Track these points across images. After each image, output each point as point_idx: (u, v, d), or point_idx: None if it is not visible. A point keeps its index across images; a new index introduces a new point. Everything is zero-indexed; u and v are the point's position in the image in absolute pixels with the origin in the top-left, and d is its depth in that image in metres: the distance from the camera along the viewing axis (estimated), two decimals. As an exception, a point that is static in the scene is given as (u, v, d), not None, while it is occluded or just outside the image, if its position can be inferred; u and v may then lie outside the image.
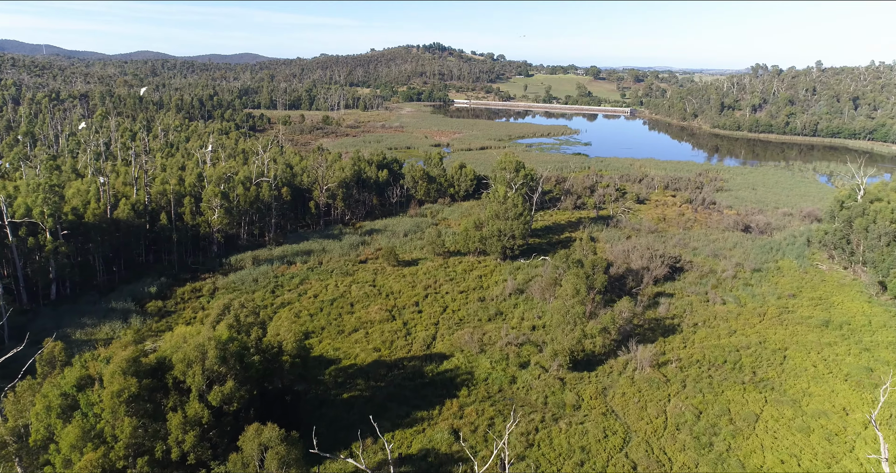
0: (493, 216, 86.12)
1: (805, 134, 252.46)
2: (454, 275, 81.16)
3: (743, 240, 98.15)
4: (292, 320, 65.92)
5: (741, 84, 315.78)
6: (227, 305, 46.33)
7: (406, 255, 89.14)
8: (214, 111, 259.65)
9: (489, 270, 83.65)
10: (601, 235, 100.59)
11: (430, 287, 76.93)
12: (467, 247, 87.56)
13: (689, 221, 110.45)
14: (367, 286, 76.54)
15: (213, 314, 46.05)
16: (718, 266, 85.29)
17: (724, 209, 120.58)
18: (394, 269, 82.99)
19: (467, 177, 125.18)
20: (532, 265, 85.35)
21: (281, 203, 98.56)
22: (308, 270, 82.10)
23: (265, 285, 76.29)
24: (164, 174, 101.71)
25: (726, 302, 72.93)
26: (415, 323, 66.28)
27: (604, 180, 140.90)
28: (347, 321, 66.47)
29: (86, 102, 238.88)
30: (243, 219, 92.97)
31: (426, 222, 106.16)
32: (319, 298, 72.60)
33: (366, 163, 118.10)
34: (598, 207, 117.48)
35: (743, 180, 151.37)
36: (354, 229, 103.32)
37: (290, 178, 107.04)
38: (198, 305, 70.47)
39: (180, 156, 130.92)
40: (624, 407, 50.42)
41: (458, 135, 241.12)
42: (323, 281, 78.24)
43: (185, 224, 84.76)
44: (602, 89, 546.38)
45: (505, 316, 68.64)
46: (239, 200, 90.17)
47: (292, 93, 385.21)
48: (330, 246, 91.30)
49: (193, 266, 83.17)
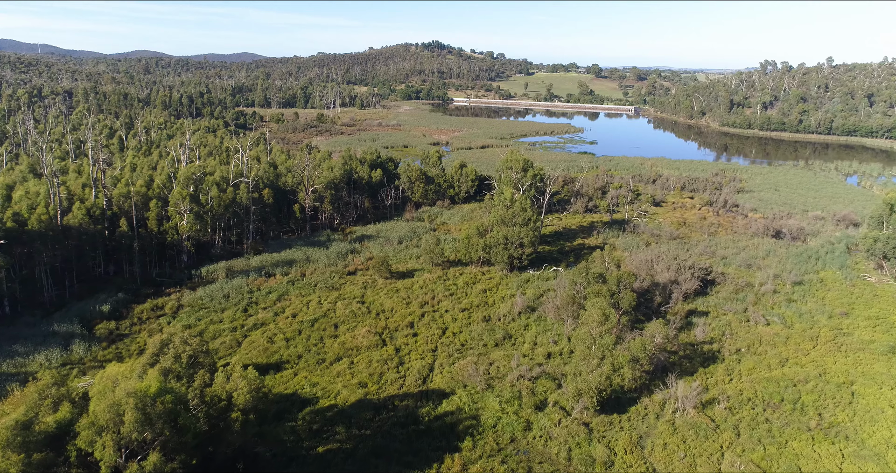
0: (498, 221, 76.18)
1: (820, 132, 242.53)
2: (455, 290, 71.19)
3: (775, 248, 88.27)
4: (264, 346, 56.18)
5: (750, 81, 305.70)
6: (167, 341, 36.26)
7: (400, 266, 79.18)
8: (203, 108, 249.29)
9: (494, 283, 73.70)
10: (617, 242, 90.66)
11: (427, 304, 66.95)
12: (469, 257, 77.66)
13: (713, 226, 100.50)
14: (355, 303, 66.54)
15: (148, 353, 35.98)
16: (754, 278, 75.38)
17: (749, 212, 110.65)
18: (386, 282, 73.02)
19: (468, 178, 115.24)
20: (543, 277, 75.44)
21: (262, 206, 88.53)
22: (288, 284, 72.09)
23: (237, 302, 66.28)
24: (132, 174, 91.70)
25: (770, 322, 62.96)
26: (409, 350, 56.30)
27: (615, 181, 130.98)
28: (330, 347, 56.46)
29: (68, 99, 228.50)
30: (218, 225, 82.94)
31: (423, 227, 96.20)
32: (299, 318, 62.60)
33: (357, 163, 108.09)
34: (612, 210, 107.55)
35: (763, 180, 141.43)
36: (344, 235, 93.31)
37: (273, 179, 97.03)
38: (156, 327, 60.43)
39: (158, 154, 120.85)
40: (668, 465, 40.43)
41: (457, 134, 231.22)
42: (304, 297, 68.24)
43: (150, 231, 74.74)
44: (604, 88, 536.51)
45: (515, 340, 58.68)
46: (212, 203, 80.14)
47: (287, 91, 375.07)
48: (315, 254, 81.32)
49: (159, 278, 73.15)
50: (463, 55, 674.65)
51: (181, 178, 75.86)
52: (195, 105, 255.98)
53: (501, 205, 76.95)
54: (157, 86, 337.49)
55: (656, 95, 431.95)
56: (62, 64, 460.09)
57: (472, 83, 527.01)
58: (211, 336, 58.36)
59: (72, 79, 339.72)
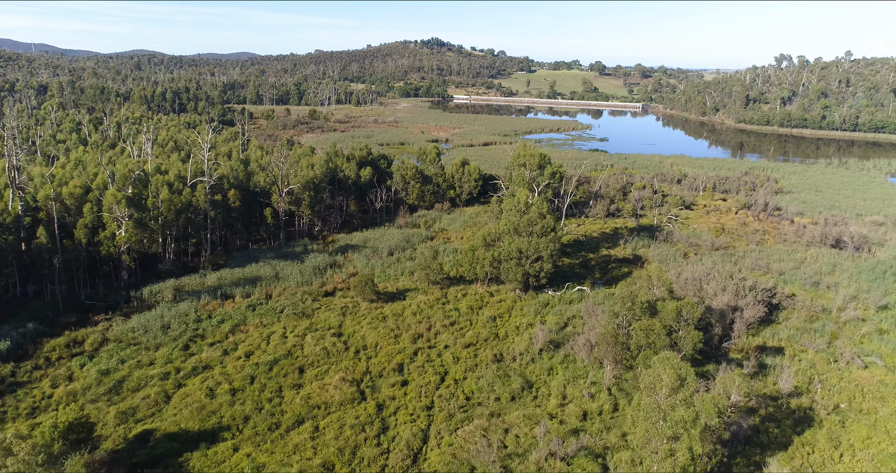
0: (510, 230, 61.70)
1: (844, 128, 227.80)
2: (456, 317, 56.75)
3: (839, 260, 73.88)
4: (201, 402, 41.72)
5: (765, 76, 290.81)
6: None
7: (389, 284, 64.71)
8: (188, 104, 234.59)
9: (506, 307, 59.24)
10: (649, 253, 76.22)
11: (421, 337, 52.50)
12: (474, 273, 63.24)
13: (758, 233, 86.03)
14: (330, 336, 52.07)
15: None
16: (827, 300, 60.98)
17: (794, 216, 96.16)
18: (370, 307, 58.55)
19: (471, 177, 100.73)
20: (565, 299, 61.02)
21: (225, 211, 74.06)
22: (248, 309, 57.62)
23: (178, 335, 51.83)
24: (74, 172, 77.25)
25: (867, 363, 48.49)
26: (396, 407, 41.89)
27: (636, 180, 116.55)
28: (289, 403, 42.02)
29: (43, 94, 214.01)
30: (169, 234, 68.44)
31: (419, 235, 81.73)
32: (254, 358, 48.17)
33: (343, 160, 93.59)
34: (637, 214, 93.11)
35: (800, 180, 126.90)
36: (324, 245, 78.83)
37: (243, 179, 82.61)
38: (64, 372, 45.98)
39: (118, 151, 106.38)
40: None
41: (457, 131, 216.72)
42: (266, 328, 53.80)
43: (78, 242, 60.27)
44: (608, 85, 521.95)
45: (536, 390, 44.26)
46: (160, 208, 65.66)
47: (281, 87, 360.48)
48: (286, 270, 66.87)
49: (88, 302, 58.70)
50: (463, 52, 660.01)
51: (117, 177, 61.30)
52: (180, 101, 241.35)
53: (514, 209, 62.46)
54: (143, 82, 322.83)
55: (663, 93, 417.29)
56: (46, 59, 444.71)
57: (473, 80, 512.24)
58: (133, 386, 43.95)
59: (53, 75, 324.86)
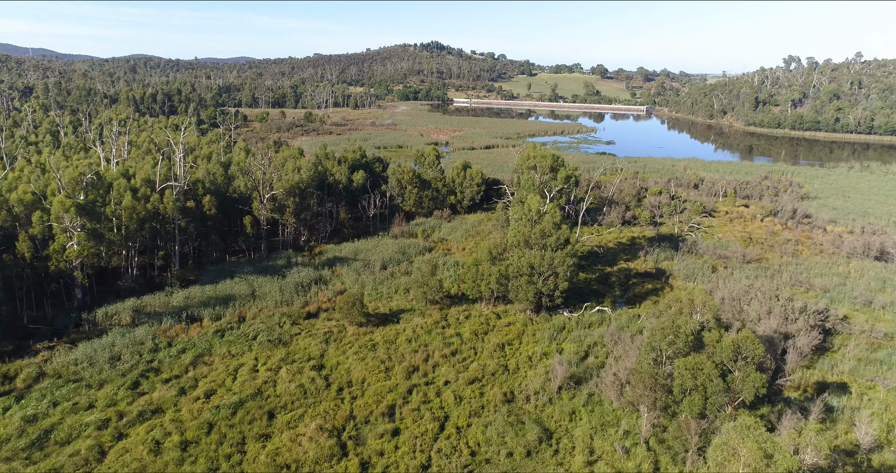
0: (520, 242, 53.59)
1: (860, 131, 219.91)
2: (458, 344, 48.62)
3: (889, 275, 65.84)
4: (142, 460, 33.56)
5: (774, 78, 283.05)
6: None
7: (381, 304, 56.58)
8: (179, 106, 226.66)
9: (516, 332, 51.11)
10: (674, 266, 68.10)
11: (416, 370, 44.36)
12: (478, 291, 55.16)
13: (790, 243, 77.94)
14: (309, 369, 43.94)
15: None
16: (887, 323, 52.86)
17: (826, 224, 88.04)
18: (358, 332, 50.42)
19: (473, 181, 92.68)
20: (583, 322, 52.93)
21: (199, 219, 65.96)
22: (216, 335, 49.45)
23: (129, 368, 43.66)
24: (30, 175, 69.24)
25: (954, 405, 40.31)
26: (384, 466, 33.72)
27: (650, 185, 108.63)
28: (252, 461, 33.84)
29: (27, 96, 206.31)
30: (132, 246, 60.32)
31: (416, 246, 73.62)
32: (216, 400, 39.99)
33: (334, 163, 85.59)
34: (655, 223, 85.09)
35: (824, 185, 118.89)
36: (311, 256, 70.71)
37: (222, 184, 74.57)
38: (-18, 419, 37.75)
39: (92, 154, 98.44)
40: None
41: (458, 133, 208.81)
42: (234, 359, 45.66)
43: (20, 256, 52.16)
44: (611, 88, 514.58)
45: (558, 442, 36.10)
46: (121, 217, 57.59)
47: (277, 90, 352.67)
48: (265, 287, 58.75)
49: (32, 325, 50.57)
50: (463, 55, 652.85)
51: (65, 182, 53.18)
52: (171, 103, 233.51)
53: (524, 218, 54.30)
54: (134, 84, 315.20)
55: (666, 96, 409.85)
56: (36, 61, 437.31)
57: (473, 84, 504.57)
58: (63, 438, 35.77)
59: (42, 76, 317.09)
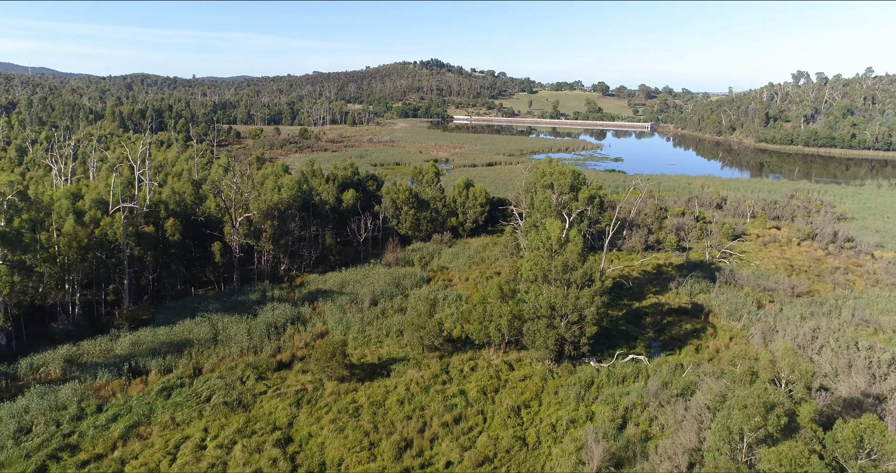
0: (537, 277, 44.01)
1: (878, 147, 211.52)
2: (462, 407, 38.80)
3: (965, 311, 56.08)
4: None
5: (783, 93, 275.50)
6: None
7: (369, 351, 46.84)
8: (169, 122, 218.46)
9: (534, 389, 41.31)
10: (712, 300, 58.45)
11: (409, 446, 34.51)
12: (486, 335, 45.48)
13: (839, 272, 68.38)
14: (271, 445, 34.07)
15: None
16: None
17: (874, 249, 78.58)
18: (339, 390, 40.59)
19: (477, 201, 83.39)
20: (615, 374, 43.16)
21: (161, 246, 56.43)
22: (160, 394, 39.63)
23: (39, 444, 33.84)
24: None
25: None
26: None
27: (669, 205, 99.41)
28: None
29: (10, 111, 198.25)
30: (75, 280, 50.72)
31: (412, 275, 63.99)
32: (142, 493, 30.11)
33: (321, 180, 76.37)
34: (682, 247, 75.68)
35: (856, 204, 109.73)
36: (290, 289, 61.00)
37: (190, 204, 65.21)
38: None
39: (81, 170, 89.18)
40: None
41: (458, 150, 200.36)
42: (178, 429, 35.81)
43: (-75, 296, 42.54)
44: (612, 105, 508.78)
45: None
46: (58, 245, 48.09)
47: (273, 107, 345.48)
48: (231, 328, 49.05)
49: (-65, 381, 40.75)
50: (463, 73, 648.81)
51: (-17, 204, 43.79)
52: (160, 119, 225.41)
53: (542, 247, 44.78)
54: (128, 100, 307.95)
55: (669, 113, 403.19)
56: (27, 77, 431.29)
57: (474, 101, 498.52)
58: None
59: (32, 93, 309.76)
